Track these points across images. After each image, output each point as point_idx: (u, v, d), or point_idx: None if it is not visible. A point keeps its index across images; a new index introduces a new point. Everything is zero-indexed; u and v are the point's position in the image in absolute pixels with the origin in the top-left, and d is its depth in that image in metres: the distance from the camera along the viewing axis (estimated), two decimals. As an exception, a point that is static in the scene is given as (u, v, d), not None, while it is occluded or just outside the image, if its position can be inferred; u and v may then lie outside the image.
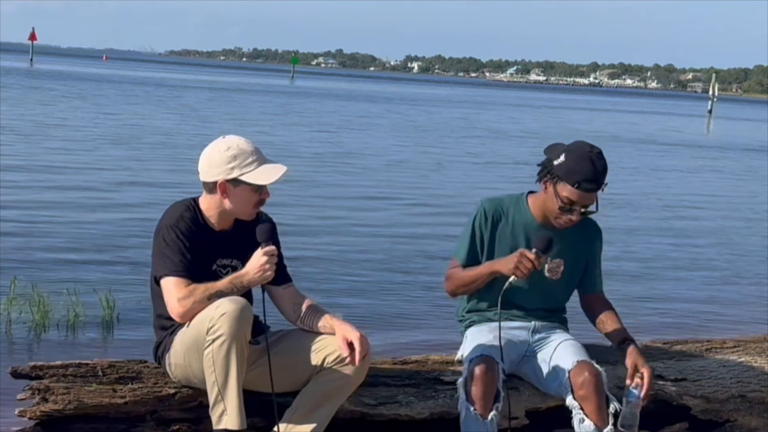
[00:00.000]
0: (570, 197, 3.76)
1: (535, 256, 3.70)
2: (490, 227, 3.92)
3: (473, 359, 3.73)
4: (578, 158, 3.74)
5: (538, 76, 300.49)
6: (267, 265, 3.46)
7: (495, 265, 3.81)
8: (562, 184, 3.76)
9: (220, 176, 3.53)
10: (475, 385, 3.65)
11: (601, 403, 3.71)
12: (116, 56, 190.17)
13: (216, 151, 3.55)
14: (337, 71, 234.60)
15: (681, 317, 7.77)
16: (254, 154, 3.55)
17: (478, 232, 3.93)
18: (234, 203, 3.57)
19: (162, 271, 3.52)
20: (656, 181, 19.03)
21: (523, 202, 3.95)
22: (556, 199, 3.79)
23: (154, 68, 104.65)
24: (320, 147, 20.61)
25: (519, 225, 3.93)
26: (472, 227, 3.94)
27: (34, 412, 3.46)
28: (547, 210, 3.86)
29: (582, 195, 3.76)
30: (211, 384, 3.40)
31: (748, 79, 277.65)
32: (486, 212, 3.93)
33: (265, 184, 3.54)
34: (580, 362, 3.76)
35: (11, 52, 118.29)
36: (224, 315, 3.33)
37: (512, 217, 3.94)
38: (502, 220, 3.94)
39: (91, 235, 9.26)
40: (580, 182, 3.73)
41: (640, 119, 52.11)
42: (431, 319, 7.13)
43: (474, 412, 3.65)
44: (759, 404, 4.36)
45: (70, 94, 35.84)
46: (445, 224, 11.32)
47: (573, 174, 3.73)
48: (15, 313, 6.31)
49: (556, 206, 3.80)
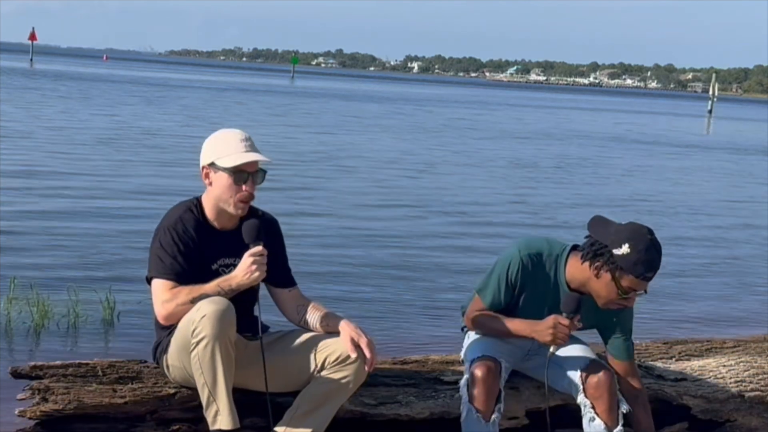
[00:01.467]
0: (633, 287, 3.64)
1: (569, 321, 3.61)
2: (522, 276, 3.75)
3: (475, 360, 3.73)
4: (644, 250, 3.58)
5: (538, 76, 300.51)
6: (253, 266, 3.46)
7: (528, 331, 3.69)
8: (627, 276, 3.60)
9: (203, 161, 3.62)
10: (477, 387, 3.65)
11: (612, 404, 3.73)
12: (116, 56, 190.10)
13: (207, 140, 3.66)
14: (337, 71, 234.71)
15: (681, 317, 7.78)
16: (241, 143, 3.58)
17: (509, 279, 3.76)
18: (215, 191, 3.60)
19: (151, 273, 3.58)
20: (659, 182, 19.03)
21: (561, 262, 3.75)
22: (616, 288, 3.63)
23: (155, 68, 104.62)
24: (323, 147, 20.61)
25: (551, 284, 3.77)
26: (506, 273, 3.75)
27: (34, 412, 3.46)
28: (598, 295, 3.69)
29: (645, 284, 3.66)
30: (201, 386, 3.42)
31: (748, 79, 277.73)
32: (522, 261, 3.73)
33: (231, 165, 3.53)
34: (595, 362, 3.78)
35: (11, 52, 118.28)
36: (205, 317, 3.35)
37: (547, 273, 3.76)
38: (536, 272, 3.76)
39: (91, 235, 9.25)
40: (646, 274, 3.61)
41: (644, 119, 52.07)
42: (431, 319, 7.13)
43: (476, 415, 3.65)
44: (759, 404, 4.36)
45: (75, 95, 35.82)
46: (443, 224, 11.34)
47: (639, 267, 3.58)
48: (15, 313, 6.30)
49: (613, 294, 3.65)
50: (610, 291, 3.65)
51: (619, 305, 3.71)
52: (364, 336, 3.53)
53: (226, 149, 3.57)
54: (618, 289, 3.63)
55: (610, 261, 3.60)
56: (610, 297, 3.66)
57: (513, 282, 3.75)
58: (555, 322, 3.61)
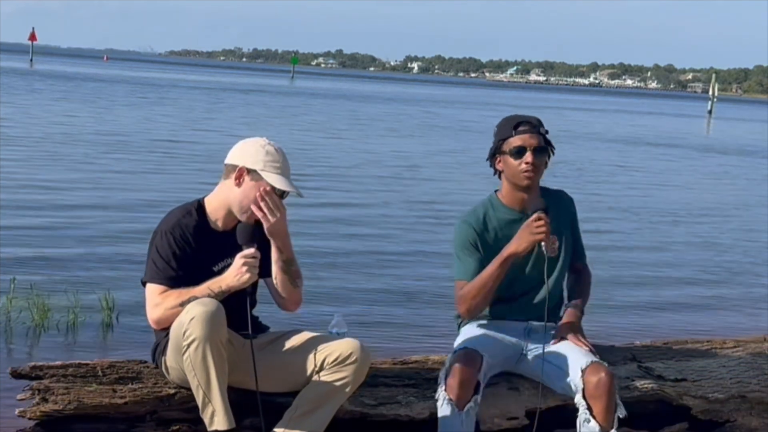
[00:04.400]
0: (516, 144, 3.89)
1: (542, 215, 3.75)
2: (478, 235, 3.91)
3: (457, 350, 3.80)
4: (503, 121, 3.97)
5: (538, 77, 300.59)
6: (244, 268, 3.47)
7: (506, 251, 3.79)
8: (506, 144, 3.90)
9: (245, 163, 3.59)
10: (452, 375, 3.68)
11: (610, 405, 3.71)
12: (116, 56, 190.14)
13: (254, 143, 3.64)
14: (337, 71, 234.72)
15: (681, 317, 7.77)
16: (282, 163, 3.61)
17: (470, 244, 3.90)
18: (243, 193, 3.59)
19: (145, 277, 3.61)
20: (660, 182, 19.03)
21: (495, 200, 4.01)
22: (511, 158, 3.89)
23: (155, 69, 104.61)
24: (330, 150, 20.63)
25: (502, 221, 3.95)
26: (463, 242, 3.91)
27: (34, 413, 3.46)
28: (513, 178, 3.91)
29: (524, 137, 3.89)
30: (195, 387, 3.43)
31: (748, 79, 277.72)
32: (469, 224, 3.92)
33: (277, 187, 3.57)
34: (595, 363, 3.77)
35: (11, 53, 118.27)
36: (194, 319, 3.36)
37: (493, 219, 3.95)
38: (486, 225, 3.94)
39: (90, 234, 9.26)
40: (515, 128, 3.90)
41: (646, 120, 52.07)
42: (431, 320, 7.13)
43: (449, 401, 3.66)
44: (759, 404, 4.36)
45: (75, 96, 35.82)
46: (441, 223, 11.35)
47: (506, 129, 3.93)
48: (15, 313, 6.31)
49: (516, 167, 3.88)
50: (514, 165, 3.90)
51: (528, 167, 3.88)
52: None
53: (275, 166, 3.58)
54: (511, 156, 3.89)
55: (495, 152, 3.97)
56: (516, 169, 3.89)
57: (473, 243, 3.90)
58: (528, 224, 3.78)
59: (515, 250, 3.77)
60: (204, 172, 13.85)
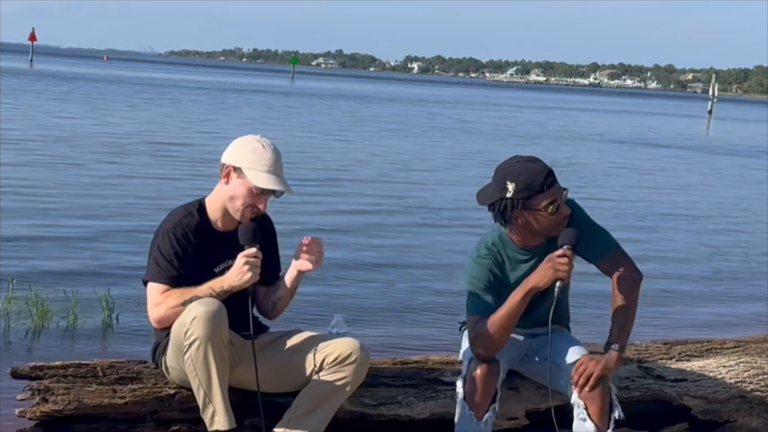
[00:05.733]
0: (549, 200, 3.63)
1: (568, 252, 3.55)
2: (491, 273, 3.73)
3: (473, 358, 3.72)
4: (523, 173, 3.62)
5: (538, 77, 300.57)
6: (245, 267, 3.47)
7: (528, 284, 3.60)
8: (534, 200, 3.62)
9: (232, 161, 3.58)
10: (473, 385, 3.64)
11: (605, 406, 3.69)
12: (116, 56, 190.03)
13: (244, 141, 3.63)
14: (337, 71, 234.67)
15: (681, 318, 7.78)
16: (272, 162, 3.57)
17: (488, 283, 3.72)
18: (229, 192, 3.59)
19: (146, 276, 3.60)
20: (658, 183, 19.04)
21: (505, 239, 3.77)
22: (543, 213, 3.64)
23: (155, 69, 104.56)
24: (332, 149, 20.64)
25: (513, 261, 3.77)
26: (477, 281, 3.72)
27: (34, 413, 3.46)
28: (547, 231, 3.68)
29: (554, 191, 3.64)
30: (197, 387, 3.43)
31: (748, 79, 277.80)
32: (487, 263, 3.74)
33: (256, 185, 3.54)
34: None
35: (11, 53, 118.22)
36: (195, 319, 3.35)
37: (505, 258, 3.78)
38: (502, 266, 3.77)
39: (91, 235, 9.26)
40: (543, 184, 3.62)
41: (649, 121, 52.07)
42: (431, 320, 7.13)
43: (469, 412, 3.65)
44: (759, 404, 4.36)
45: (76, 96, 35.81)
46: (449, 224, 11.34)
47: (533, 186, 3.61)
48: (15, 314, 6.31)
49: (548, 220, 3.65)
50: (545, 220, 3.65)
51: (563, 218, 3.67)
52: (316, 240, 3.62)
53: (261, 164, 3.55)
54: (542, 212, 3.62)
55: (513, 205, 3.63)
56: (549, 223, 3.65)
57: (490, 281, 3.73)
58: (550, 258, 3.57)
59: (536, 284, 3.59)
60: (204, 173, 13.84)
